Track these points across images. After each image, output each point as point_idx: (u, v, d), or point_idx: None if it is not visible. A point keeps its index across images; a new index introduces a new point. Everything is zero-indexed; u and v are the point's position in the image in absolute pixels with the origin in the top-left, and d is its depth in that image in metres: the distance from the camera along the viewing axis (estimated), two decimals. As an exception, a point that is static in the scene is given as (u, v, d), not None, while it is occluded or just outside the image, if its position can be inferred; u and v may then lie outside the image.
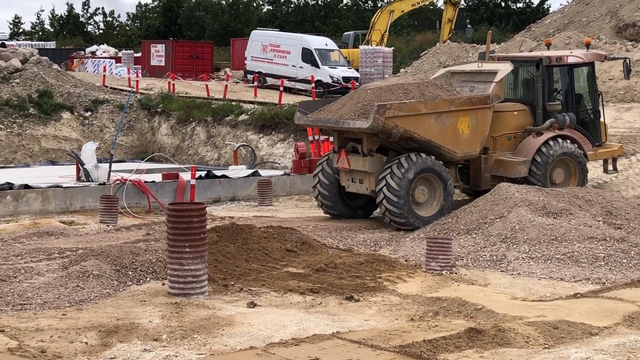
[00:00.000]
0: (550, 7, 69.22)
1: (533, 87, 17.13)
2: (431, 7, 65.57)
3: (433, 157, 15.41)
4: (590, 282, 11.39)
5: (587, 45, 19.86)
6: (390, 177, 15.03)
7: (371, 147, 15.47)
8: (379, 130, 14.89)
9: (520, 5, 70.68)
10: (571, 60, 17.28)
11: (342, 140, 16.05)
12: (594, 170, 20.94)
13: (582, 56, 17.51)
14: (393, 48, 41.29)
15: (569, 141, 16.78)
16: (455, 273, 11.83)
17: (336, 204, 16.52)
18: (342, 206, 16.58)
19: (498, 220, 13.56)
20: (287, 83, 35.44)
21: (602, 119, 17.97)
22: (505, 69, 16.49)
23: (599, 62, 19.70)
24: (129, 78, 39.04)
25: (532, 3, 70.16)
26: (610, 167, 18.28)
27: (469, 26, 72.28)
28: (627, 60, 18.29)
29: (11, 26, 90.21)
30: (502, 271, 12.03)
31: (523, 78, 17.61)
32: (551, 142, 16.55)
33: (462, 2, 55.92)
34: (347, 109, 15.55)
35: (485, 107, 15.92)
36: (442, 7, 48.88)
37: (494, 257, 12.49)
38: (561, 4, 47.06)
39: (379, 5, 67.90)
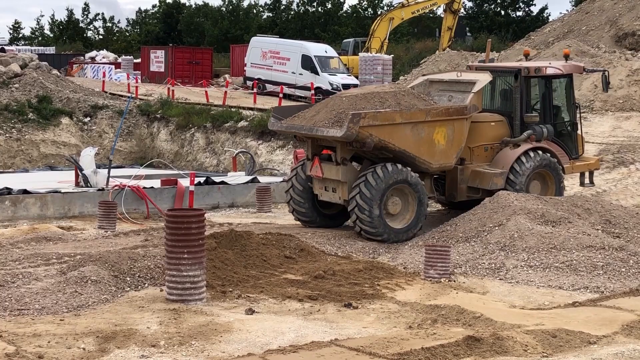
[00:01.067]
0: (550, 15, 69.35)
1: (511, 98, 16.84)
2: (431, 15, 65.76)
3: (408, 169, 15.10)
4: (588, 290, 11.38)
5: (566, 57, 19.64)
6: (364, 185, 14.71)
7: (345, 155, 15.16)
8: (353, 139, 14.59)
9: (520, 13, 70.85)
10: (550, 71, 17.04)
11: (316, 147, 15.73)
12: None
13: (560, 68, 17.26)
14: (393, 55, 41.34)
15: (547, 154, 16.48)
16: (454, 281, 11.82)
17: (309, 211, 16.11)
18: (315, 214, 16.16)
19: (497, 228, 13.56)
20: (286, 90, 35.47)
21: (579, 132, 17.71)
22: (484, 79, 16.24)
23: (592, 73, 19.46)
24: (129, 84, 39.06)
25: (532, 12, 70.35)
26: (586, 181, 17.89)
27: (468, 34, 72.41)
28: (606, 73, 18.05)
29: (11, 31, 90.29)
30: (500, 279, 12.02)
31: (501, 89, 17.33)
32: (529, 154, 16.21)
33: (462, 10, 55.98)
34: (322, 116, 15.27)
35: (462, 118, 15.58)
36: (442, 15, 48.96)
37: (493, 265, 12.48)
38: (561, 13, 47.22)
39: (379, 12, 67.99)
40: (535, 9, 70.18)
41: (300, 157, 21.60)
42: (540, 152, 16.39)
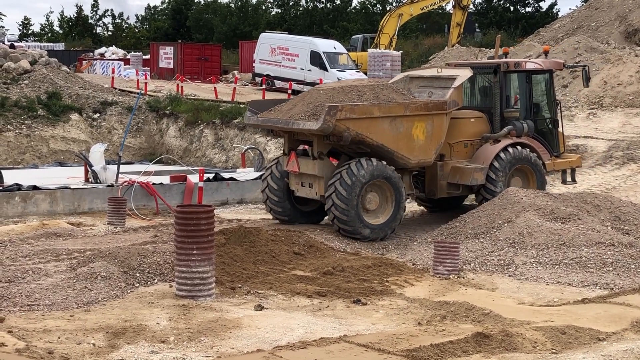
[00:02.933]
0: (559, 11, 69.23)
1: (491, 94, 16.66)
2: (440, 11, 65.59)
3: (385, 163, 14.81)
4: (598, 287, 11.36)
5: (546, 53, 19.49)
6: (339, 183, 14.39)
7: (322, 150, 14.86)
8: (329, 132, 14.27)
9: (529, 9, 70.66)
10: (529, 66, 16.90)
11: (292, 142, 15.44)
12: (602, 175, 20.92)
13: (540, 63, 17.17)
14: (401, 52, 41.33)
15: (527, 149, 16.28)
16: (463, 277, 11.82)
17: (285, 208, 15.74)
18: (291, 211, 15.79)
19: (506, 224, 13.54)
20: (295, 86, 35.46)
21: (560, 129, 17.48)
22: (464, 75, 16.02)
23: (590, 70, 19.14)
24: (138, 80, 39.10)
25: (541, 7, 70.16)
26: (568, 178, 17.66)
27: (477, 30, 72.24)
28: (587, 68, 17.92)
29: (20, 27, 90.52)
30: (509, 276, 12.00)
31: (481, 85, 17.13)
32: (509, 150, 15.99)
33: (471, 6, 55.86)
34: (298, 109, 14.96)
35: (442, 113, 15.35)
36: (451, 11, 48.84)
37: (502, 262, 12.47)
38: (570, 9, 47.07)
39: (388, 8, 67.87)
40: (544, 5, 70.36)
41: None
42: (520, 147, 16.17)
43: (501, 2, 70.87)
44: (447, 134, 15.74)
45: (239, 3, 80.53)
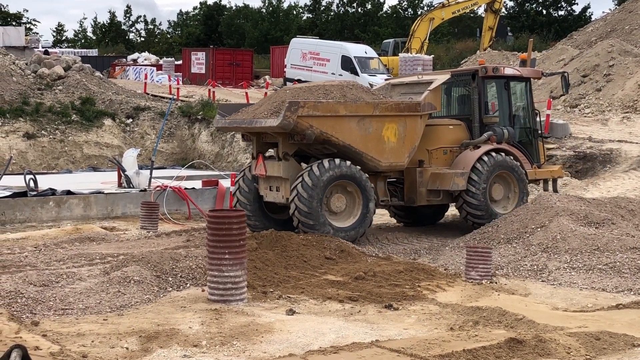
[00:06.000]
0: (592, 14, 68.70)
1: (469, 101, 16.33)
2: (472, 15, 65.44)
3: (349, 163, 14.33)
4: (632, 292, 11.23)
5: (523, 62, 19.17)
6: (301, 185, 13.98)
7: (287, 150, 14.45)
8: (290, 129, 13.84)
9: (561, 13, 70.25)
10: (508, 71, 16.64)
11: (260, 145, 15.10)
12: (636, 180, 20.69)
13: (519, 70, 16.90)
14: (433, 56, 41.29)
15: (509, 156, 15.85)
16: (495, 282, 11.75)
17: (255, 215, 15.24)
18: (262, 218, 15.29)
19: (539, 229, 13.44)
20: (326, 91, 35.43)
21: (540, 141, 17.07)
22: (442, 78, 15.76)
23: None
24: (170, 85, 39.36)
25: (574, 11, 69.72)
26: (550, 189, 17.15)
27: (509, 34, 71.92)
28: (566, 74, 17.72)
29: (54, 34, 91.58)
30: (543, 281, 11.91)
31: (459, 94, 16.75)
32: (490, 154, 15.61)
33: (503, 9, 55.60)
34: (263, 108, 14.62)
35: (416, 114, 14.89)
36: (483, 15, 48.68)
37: (535, 267, 12.38)
38: (603, 12, 46.69)
39: (419, 13, 67.77)
40: (577, 8, 69.61)
41: None
42: (501, 153, 15.81)
43: (533, 5, 70.49)
44: (426, 140, 15.41)
45: (270, 8, 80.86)
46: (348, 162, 14.37)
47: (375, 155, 14.66)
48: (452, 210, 17.85)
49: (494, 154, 15.70)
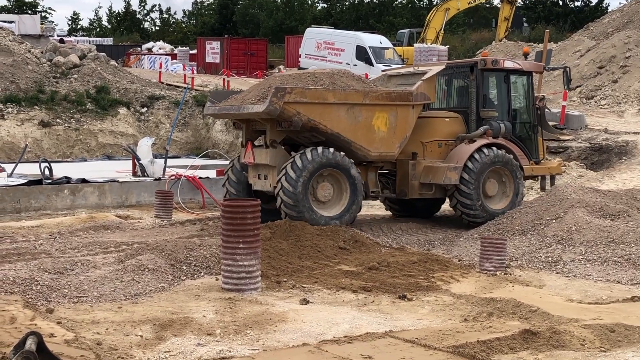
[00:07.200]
0: (609, 5, 68.36)
1: (467, 94, 16.08)
2: (487, 5, 65.21)
3: (332, 150, 14.09)
4: (648, 285, 11.18)
5: (525, 55, 18.83)
6: (285, 179, 13.83)
7: (275, 137, 14.27)
8: (277, 115, 13.66)
9: (578, 3, 69.86)
10: (508, 65, 16.36)
11: (250, 132, 14.93)
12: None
13: (520, 64, 16.61)
14: (448, 46, 41.17)
15: (504, 150, 15.58)
16: (510, 274, 11.71)
17: None
18: None
19: (554, 221, 13.39)
20: (341, 81, 35.37)
21: (540, 136, 16.76)
22: (437, 68, 15.54)
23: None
24: (185, 75, 39.36)
25: (591, 2, 69.29)
26: (548, 186, 16.79)
27: (525, 25, 71.59)
28: (567, 69, 17.42)
29: (69, 22, 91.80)
30: (557, 273, 11.87)
31: (458, 86, 16.49)
32: (484, 150, 15.32)
33: (519, 0, 55.34)
34: (251, 95, 14.46)
35: (407, 104, 14.65)
36: (499, 5, 48.48)
37: (550, 259, 12.34)
38: (620, 3, 46.41)
39: (435, 3, 67.54)
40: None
41: None
42: (496, 148, 15.53)
43: (549, -4, 70.14)
44: (420, 133, 15.23)
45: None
46: (332, 150, 14.17)
47: (364, 144, 14.49)
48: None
49: (486, 150, 15.42)
